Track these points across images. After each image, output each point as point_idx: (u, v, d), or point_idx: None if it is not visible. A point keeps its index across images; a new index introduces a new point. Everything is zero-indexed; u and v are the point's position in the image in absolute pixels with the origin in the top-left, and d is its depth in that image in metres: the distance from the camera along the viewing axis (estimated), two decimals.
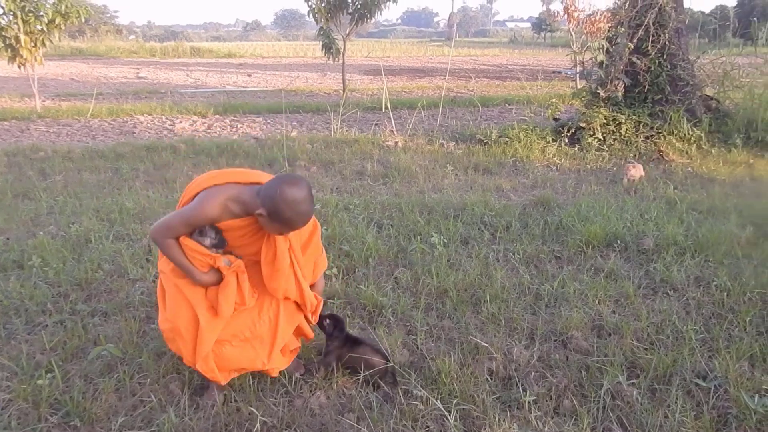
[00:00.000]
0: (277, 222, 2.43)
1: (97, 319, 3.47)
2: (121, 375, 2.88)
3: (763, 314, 3.48)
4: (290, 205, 2.37)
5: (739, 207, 5.34)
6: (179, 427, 2.53)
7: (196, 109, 12.24)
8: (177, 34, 68.84)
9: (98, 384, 2.83)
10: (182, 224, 2.49)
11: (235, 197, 2.48)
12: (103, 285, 3.92)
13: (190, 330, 2.49)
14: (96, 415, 2.61)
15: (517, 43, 61.59)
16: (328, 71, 24.02)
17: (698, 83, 8.70)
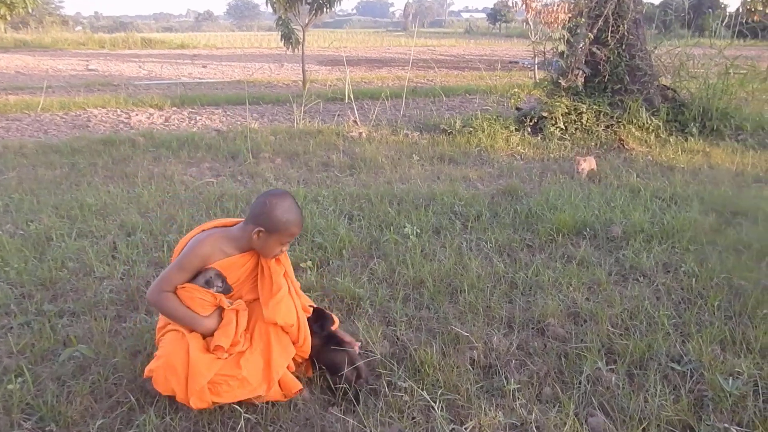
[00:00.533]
0: (276, 233, 2.54)
1: (66, 320, 3.34)
2: (96, 376, 2.79)
3: (729, 298, 3.58)
4: (283, 210, 2.54)
5: (700, 194, 5.49)
6: (160, 427, 2.46)
7: (152, 102, 11.95)
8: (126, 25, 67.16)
9: (72, 386, 2.73)
10: (178, 271, 2.55)
11: (224, 236, 2.63)
12: (68, 284, 3.78)
13: (185, 366, 2.40)
14: (72, 419, 2.52)
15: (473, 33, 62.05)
16: (286, 62, 23.77)
17: (655, 73, 8.91)
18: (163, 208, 5.28)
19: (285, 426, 2.52)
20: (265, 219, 2.53)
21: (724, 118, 8.37)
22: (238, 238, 2.62)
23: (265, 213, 2.53)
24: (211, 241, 2.59)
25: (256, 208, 2.58)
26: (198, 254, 2.55)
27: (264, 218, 2.53)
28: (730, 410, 2.57)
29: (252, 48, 37.02)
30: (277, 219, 2.52)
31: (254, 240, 2.56)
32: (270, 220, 2.52)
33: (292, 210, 2.57)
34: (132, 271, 3.96)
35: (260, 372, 2.51)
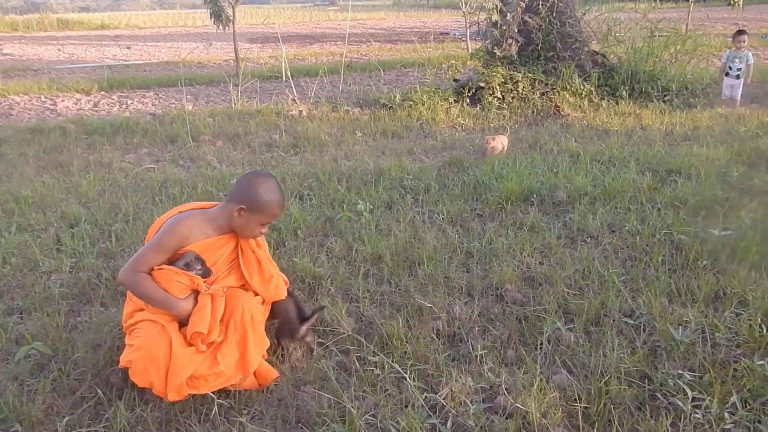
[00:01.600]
0: (258, 212, 2.56)
1: (16, 318, 3.23)
2: (56, 373, 2.72)
3: (672, 253, 3.78)
4: (266, 189, 2.57)
5: (635, 155, 5.71)
6: (131, 419, 2.43)
7: (78, 86, 11.43)
8: (39, 6, 63.53)
9: (32, 385, 2.67)
10: (155, 251, 2.48)
11: (203, 216, 2.61)
12: (14, 280, 3.65)
13: (167, 360, 2.35)
14: (36, 418, 2.46)
15: (401, 5, 61.66)
16: (214, 41, 23.12)
17: (585, 39, 9.14)
18: (105, 197, 5.11)
19: (259, 408, 2.53)
20: (248, 197, 2.53)
21: (651, 80, 8.69)
22: (218, 219, 2.60)
23: (249, 191, 2.53)
24: (190, 221, 2.54)
25: (240, 186, 2.59)
26: (177, 234, 2.50)
27: (247, 196, 2.53)
28: (682, 357, 2.74)
29: (177, 27, 35.73)
30: (261, 198, 2.53)
31: (235, 218, 2.55)
32: (253, 199, 2.52)
33: (276, 190, 2.59)
34: (80, 263, 3.84)
35: (235, 363, 2.50)
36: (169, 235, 2.50)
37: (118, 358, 2.76)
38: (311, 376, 2.69)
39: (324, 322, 3.09)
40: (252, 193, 2.53)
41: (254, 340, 2.53)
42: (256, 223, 2.58)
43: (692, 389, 2.47)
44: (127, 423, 2.41)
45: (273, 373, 2.64)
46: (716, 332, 2.88)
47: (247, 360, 2.50)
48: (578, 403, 2.44)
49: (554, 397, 2.47)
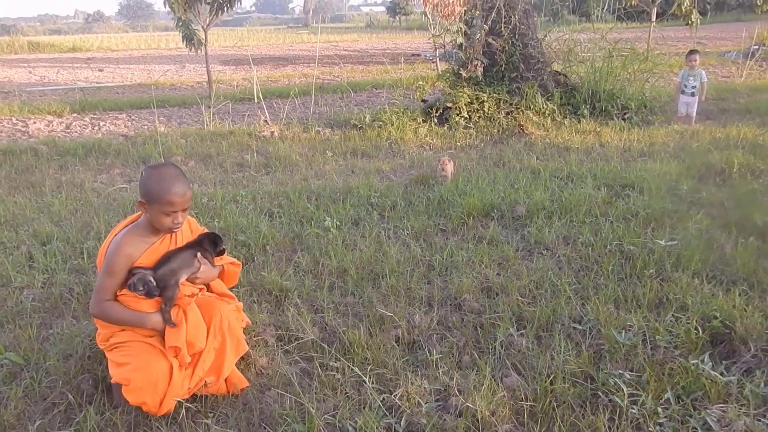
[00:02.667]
0: (155, 202, 2.59)
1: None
2: (28, 381, 2.83)
3: (621, 262, 3.99)
4: (156, 179, 2.59)
5: (593, 171, 5.97)
6: (101, 422, 2.55)
7: (49, 108, 11.50)
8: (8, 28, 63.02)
9: (4, 392, 2.78)
10: (108, 277, 2.60)
11: (134, 228, 2.72)
12: None
13: (166, 382, 2.50)
14: (8, 422, 2.57)
15: (374, 27, 62.48)
16: (187, 63, 23.25)
17: (547, 60, 9.47)
18: (77, 216, 5.22)
19: (224, 410, 2.67)
20: (143, 190, 2.61)
21: (611, 98, 9.02)
22: (147, 223, 2.70)
23: (142, 184, 2.63)
24: (126, 238, 2.66)
25: (139, 182, 2.70)
26: (121, 255, 2.62)
27: (142, 189, 2.62)
28: (624, 358, 2.93)
29: (149, 49, 35.85)
30: (151, 188, 2.58)
31: (144, 213, 2.67)
32: (147, 189, 2.59)
33: (166, 179, 2.59)
34: (52, 279, 3.95)
35: (210, 365, 2.66)
36: (115, 258, 2.61)
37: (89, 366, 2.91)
38: (275, 381, 2.83)
39: (289, 330, 3.23)
40: (144, 186, 2.61)
41: (231, 345, 2.70)
42: (159, 213, 2.61)
43: (630, 387, 2.66)
44: (97, 426, 2.52)
45: (243, 382, 2.78)
46: (657, 335, 3.08)
47: (223, 363, 2.66)
48: (525, 402, 2.62)
49: (503, 396, 2.64)
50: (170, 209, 2.61)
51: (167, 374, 2.51)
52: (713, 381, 2.69)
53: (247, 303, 3.53)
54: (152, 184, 2.58)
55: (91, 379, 2.85)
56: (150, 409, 2.52)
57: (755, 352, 2.98)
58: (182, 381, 2.56)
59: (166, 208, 2.60)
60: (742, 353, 3.00)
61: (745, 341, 3.05)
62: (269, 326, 3.30)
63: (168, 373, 2.52)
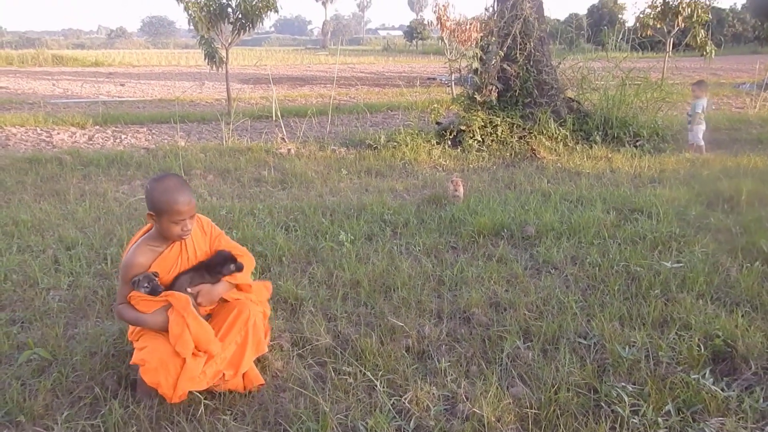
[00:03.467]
0: (162, 213, 2.72)
1: (17, 328, 3.48)
2: (56, 375, 2.97)
3: (627, 283, 4.09)
4: (161, 191, 2.71)
5: (602, 196, 6.08)
6: (125, 416, 2.68)
7: (73, 120, 11.80)
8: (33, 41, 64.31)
9: (33, 385, 2.92)
10: (123, 285, 2.78)
11: (145, 240, 2.87)
12: (14, 295, 3.91)
13: (177, 369, 2.65)
14: (37, 412, 2.71)
15: (391, 50, 63.27)
16: (206, 80, 23.67)
17: (561, 87, 9.65)
18: (100, 223, 5.40)
19: (241, 408, 2.79)
20: (149, 202, 2.74)
21: (623, 126, 9.17)
22: (157, 233, 2.84)
23: (147, 196, 2.76)
24: (138, 249, 2.82)
25: (144, 194, 2.82)
26: (133, 265, 2.78)
27: (149, 201, 2.74)
28: (627, 372, 3.03)
29: (170, 66, 36.51)
30: (157, 200, 2.70)
31: (155, 225, 2.80)
32: (152, 202, 2.72)
33: (172, 189, 2.71)
34: (77, 282, 4.11)
35: (229, 359, 2.81)
36: (127, 269, 2.78)
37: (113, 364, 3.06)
38: (290, 383, 2.95)
39: (303, 336, 3.36)
40: (150, 198, 2.74)
41: (252, 342, 2.85)
42: (167, 223, 2.74)
43: (632, 398, 2.76)
44: (121, 419, 2.65)
45: (260, 380, 2.92)
46: (660, 351, 3.18)
47: (242, 358, 2.81)
48: (530, 410, 2.72)
49: (508, 403, 2.75)
50: (178, 218, 2.75)
51: (181, 360, 2.66)
52: (713, 395, 2.79)
53: None
54: (158, 196, 2.70)
55: (115, 375, 2.99)
56: (165, 393, 2.66)
57: (756, 370, 3.07)
58: (197, 366, 2.69)
59: (175, 218, 2.74)
60: (743, 371, 3.08)
61: (746, 359, 3.14)
62: (285, 332, 3.43)
63: (181, 358, 2.66)
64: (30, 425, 2.64)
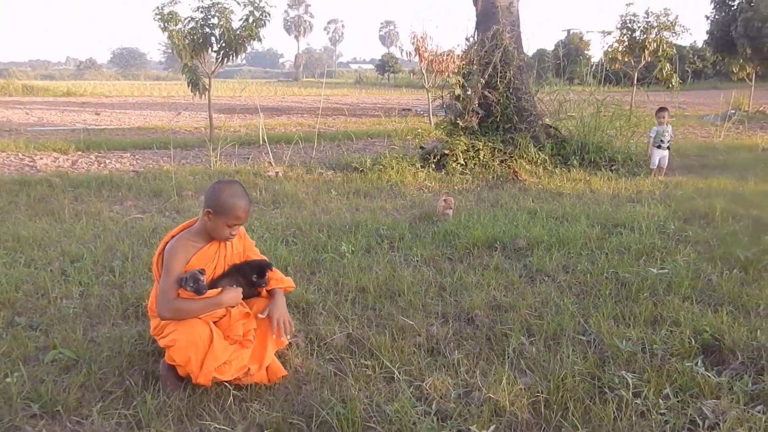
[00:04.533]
0: (222, 214, 2.89)
1: (38, 332, 3.56)
2: (84, 372, 3.07)
3: (618, 287, 4.34)
4: (228, 194, 2.90)
5: (586, 213, 6.38)
6: (158, 405, 2.79)
7: (55, 146, 11.82)
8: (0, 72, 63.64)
9: (62, 381, 3.01)
10: (168, 277, 2.88)
11: (188, 234, 3.02)
12: (28, 303, 3.98)
13: (206, 343, 2.80)
14: (71, 405, 2.81)
15: (363, 83, 64.12)
16: (182, 110, 23.78)
17: (539, 113, 10.04)
18: (101, 239, 5.48)
19: (267, 400, 2.92)
20: (213, 201, 2.89)
21: (599, 151, 9.57)
22: (200, 230, 3.00)
23: (213, 196, 2.91)
24: (179, 243, 2.97)
25: (208, 192, 2.97)
26: (177, 257, 2.92)
27: (212, 201, 2.89)
28: (625, 363, 3.24)
29: (143, 96, 36.51)
30: (224, 201, 2.87)
31: (206, 222, 2.94)
32: (217, 203, 2.88)
33: (237, 194, 2.92)
34: (88, 291, 4.20)
35: (252, 352, 2.93)
36: (171, 260, 2.91)
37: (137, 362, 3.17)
38: (311, 377, 3.10)
39: (319, 335, 3.52)
40: (215, 198, 2.89)
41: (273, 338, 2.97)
42: (223, 225, 2.91)
43: (633, 384, 2.97)
44: (154, 409, 2.76)
45: (282, 371, 3.06)
46: (654, 345, 3.41)
47: (265, 351, 2.92)
48: (541, 395, 2.91)
49: (520, 389, 2.94)
50: (234, 222, 2.95)
51: (208, 337, 2.81)
52: (707, 380, 3.01)
53: None
54: (224, 198, 2.87)
55: (142, 371, 3.10)
56: (192, 371, 2.78)
57: (743, 360, 3.31)
58: (224, 349, 2.83)
59: (231, 221, 2.93)
60: (731, 361, 3.32)
61: (733, 351, 3.38)
62: (300, 332, 3.58)
63: (209, 336, 2.81)
64: (67, 416, 2.74)
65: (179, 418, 2.74)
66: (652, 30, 16.60)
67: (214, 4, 12.23)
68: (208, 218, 2.93)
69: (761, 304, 3.99)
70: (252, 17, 12.48)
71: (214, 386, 2.92)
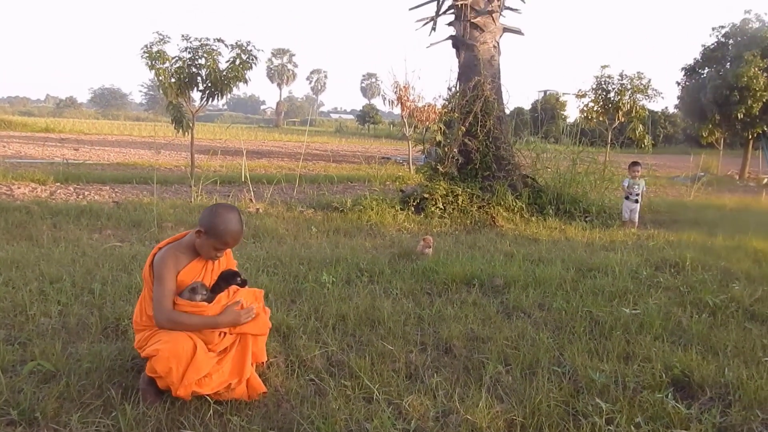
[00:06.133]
0: (213, 237, 2.96)
1: (16, 346, 3.54)
2: (62, 384, 3.06)
3: (591, 326, 4.44)
4: (223, 221, 2.96)
5: (561, 257, 6.53)
6: (137, 416, 2.79)
7: (33, 177, 11.77)
8: None
9: (41, 391, 3.00)
10: (164, 288, 2.94)
11: (177, 247, 3.07)
12: (6, 319, 3.97)
13: (188, 355, 2.82)
14: (50, 414, 2.80)
15: (343, 132, 64.95)
16: (162, 149, 23.82)
17: (517, 163, 10.31)
18: (79, 263, 5.47)
19: (247, 415, 2.94)
20: (207, 222, 2.96)
21: (574, 202, 9.83)
22: (189, 245, 3.05)
23: (209, 217, 2.98)
24: (168, 253, 3.01)
25: (205, 212, 3.05)
26: (168, 267, 2.97)
27: (206, 222, 2.96)
28: (599, 393, 3.32)
29: (123, 135, 36.52)
30: (217, 225, 2.94)
31: (196, 239, 3.00)
32: (210, 225, 2.94)
33: (233, 222, 2.98)
34: (67, 310, 4.19)
35: (231, 367, 2.95)
36: (164, 271, 2.95)
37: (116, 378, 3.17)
38: (291, 395, 3.12)
39: (299, 357, 3.55)
40: (210, 220, 2.96)
41: (255, 350, 3.00)
42: (210, 246, 2.98)
43: (606, 413, 3.04)
44: (134, 419, 2.76)
45: (262, 387, 3.08)
46: (626, 378, 3.50)
47: (245, 365, 2.95)
48: (517, 418, 2.97)
49: (497, 411, 2.99)
50: (222, 247, 3.03)
51: (191, 349, 2.83)
52: (677, 412, 3.10)
53: None
54: (219, 223, 2.94)
55: (122, 384, 3.10)
56: (173, 382, 2.78)
57: (711, 396, 3.41)
58: (207, 361, 2.86)
59: (219, 245, 3.01)
60: (700, 396, 3.42)
61: (702, 387, 3.48)
62: (280, 354, 3.60)
63: (192, 349, 2.83)
64: (45, 423, 2.73)
65: (158, 429, 2.75)
66: (626, 92, 17.23)
67: (202, 45, 12.45)
68: (198, 236, 2.99)
69: (729, 345, 4.11)
70: (239, 59, 12.71)
71: (194, 399, 2.93)
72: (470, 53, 10.08)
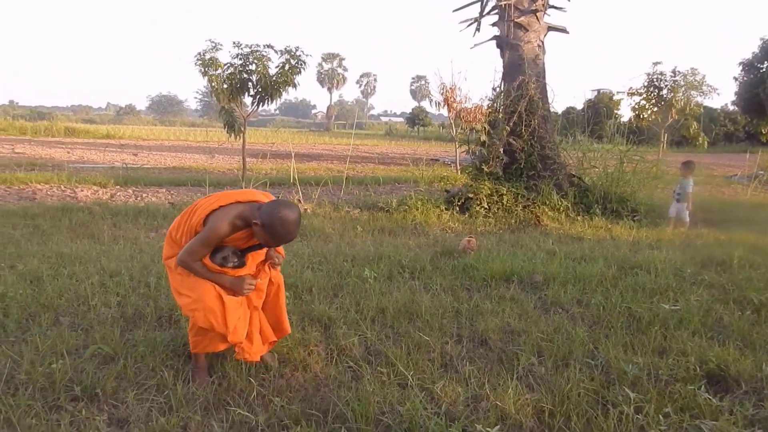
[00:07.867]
0: (268, 234, 3.06)
1: (79, 332, 3.83)
2: (120, 366, 3.32)
3: (629, 321, 4.47)
4: (282, 223, 3.02)
5: (604, 255, 6.52)
6: (187, 395, 3.02)
7: (95, 180, 12.36)
8: (44, 115, 66.17)
9: (100, 371, 3.26)
10: (202, 247, 3.09)
11: (239, 214, 3.12)
12: (70, 308, 4.28)
13: (219, 305, 3.06)
14: (109, 391, 3.05)
15: (393, 135, 65.21)
16: (216, 154, 24.53)
17: (563, 162, 10.27)
18: (137, 259, 5.79)
19: (288, 397, 3.12)
20: (267, 218, 3.01)
21: (621, 201, 9.73)
22: (248, 218, 3.10)
23: (270, 214, 3.01)
24: (226, 221, 3.07)
25: (269, 206, 3.06)
26: (219, 234, 3.06)
27: (266, 217, 3.01)
28: (630, 384, 3.37)
29: (179, 141, 37.67)
30: (276, 225, 3.00)
31: (254, 225, 3.08)
32: (270, 223, 3.00)
33: (292, 223, 3.03)
34: (125, 301, 4.48)
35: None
36: (213, 235, 3.06)
37: (170, 361, 3.40)
38: (329, 381, 3.30)
39: (339, 346, 3.72)
40: (270, 218, 3.00)
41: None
42: (263, 237, 3.08)
43: (636, 403, 3.10)
44: (184, 398, 2.99)
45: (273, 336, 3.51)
46: (659, 370, 3.53)
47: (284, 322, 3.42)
48: (546, 405, 3.06)
49: (526, 398, 3.09)
50: (275, 244, 3.19)
51: (217, 298, 3.09)
52: (708, 403, 3.13)
53: (299, 327, 4.03)
54: (279, 223, 2.99)
55: (174, 367, 3.33)
56: (220, 329, 3.08)
57: (747, 389, 3.42)
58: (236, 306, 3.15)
59: (272, 243, 3.14)
60: (735, 390, 3.43)
61: (737, 381, 3.49)
62: (321, 342, 3.79)
63: (217, 297, 3.10)
64: (104, 399, 2.98)
65: (206, 407, 2.96)
66: (680, 89, 16.87)
67: (252, 51, 12.85)
68: (255, 226, 3.06)
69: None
70: (288, 65, 13.05)
71: (238, 381, 3.14)
72: (514, 53, 10.11)
